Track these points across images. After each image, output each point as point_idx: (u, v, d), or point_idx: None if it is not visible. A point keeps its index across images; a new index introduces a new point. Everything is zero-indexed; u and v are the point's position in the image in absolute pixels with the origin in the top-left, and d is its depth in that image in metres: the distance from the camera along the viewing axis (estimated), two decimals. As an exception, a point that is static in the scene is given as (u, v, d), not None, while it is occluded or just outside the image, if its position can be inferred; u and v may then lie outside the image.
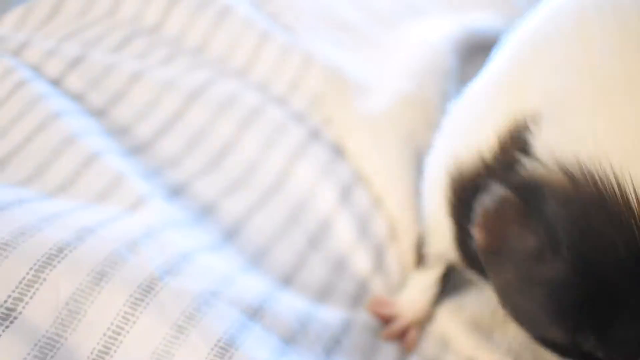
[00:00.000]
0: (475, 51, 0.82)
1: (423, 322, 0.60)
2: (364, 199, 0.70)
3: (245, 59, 0.80)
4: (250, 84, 0.78)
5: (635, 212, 0.32)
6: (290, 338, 0.52)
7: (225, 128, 0.71)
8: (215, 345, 0.46)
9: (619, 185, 0.33)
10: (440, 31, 0.85)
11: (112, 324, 0.46)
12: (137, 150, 0.67)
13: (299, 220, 0.67)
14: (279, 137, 0.72)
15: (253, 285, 0.55)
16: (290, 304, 0.55)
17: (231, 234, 0.62)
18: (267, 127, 0.72)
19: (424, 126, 0.73)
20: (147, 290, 0.48)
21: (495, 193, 0.38)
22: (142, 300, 0.47)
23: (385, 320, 0.61)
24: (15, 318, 0.45)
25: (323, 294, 0.61)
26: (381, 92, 0.81)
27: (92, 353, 0.45)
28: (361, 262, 0.65)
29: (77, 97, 0.69)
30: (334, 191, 0.69)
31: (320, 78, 0.80)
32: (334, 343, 0.55)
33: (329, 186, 0.70)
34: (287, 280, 0.61)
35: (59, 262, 0.47)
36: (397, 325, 0.60)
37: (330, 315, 0.58)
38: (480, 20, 0.89)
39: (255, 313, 0.52)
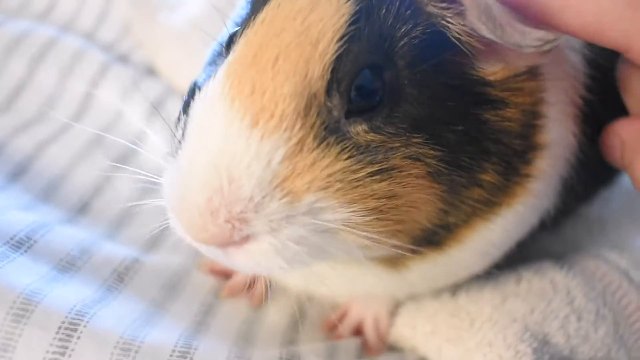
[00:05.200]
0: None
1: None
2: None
3: (46, 2, 0.71)
4: (51, 23, 0.68)
5: None
6: (69, 265, 0.46)
7: (16, 67, 0.61)
8: None
9: None
10: None
11: None
12: None
13: (104, 142, 0.56)
14: (77, 65, 0.62)
15: (23, 219, 0.46)
16: (70, 234, 0.46)
17: (18, 173, 0.53)
18: (63, 58, 0.62)
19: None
20: None
21: None
22: None
23: (224, 275, 0.49)
24: None
25: (126, 218, 0.54)
26: (187, 2, 0.72)
27: None
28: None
29: None
30: (143, 107, 0.60)
31: (126, 4, 0.71)
32: (125, 270, 0.46)
33: (138, 102, 0.60)
34: (83, 209, 0.52)
35: None
36: (239, 278, 0.48)
37: (127, 241, 0.50)
38: None
39: (20, 244, 0.44)
